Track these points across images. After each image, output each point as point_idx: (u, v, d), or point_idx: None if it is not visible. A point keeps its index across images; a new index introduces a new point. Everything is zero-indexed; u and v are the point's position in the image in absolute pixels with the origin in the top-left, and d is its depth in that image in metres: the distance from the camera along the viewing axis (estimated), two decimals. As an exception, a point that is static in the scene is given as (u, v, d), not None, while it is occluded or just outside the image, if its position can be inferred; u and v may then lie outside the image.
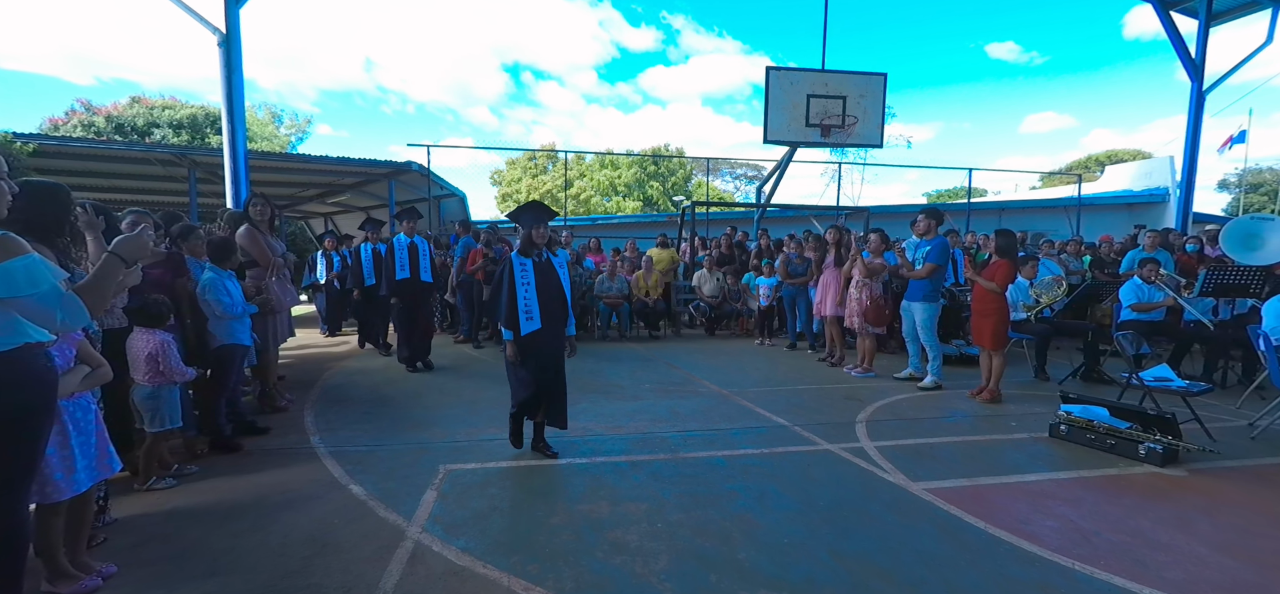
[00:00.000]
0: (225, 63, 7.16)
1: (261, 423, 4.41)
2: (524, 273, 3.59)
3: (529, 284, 3.57)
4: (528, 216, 3.70)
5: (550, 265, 3.71)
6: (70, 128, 16.66)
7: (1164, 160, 16.40)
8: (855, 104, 9.26)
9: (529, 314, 3.53)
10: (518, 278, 3.56)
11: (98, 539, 2.69)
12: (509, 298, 3.53)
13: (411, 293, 6.18)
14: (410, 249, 6.15)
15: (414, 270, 6.18)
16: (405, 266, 6.13)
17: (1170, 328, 6.65)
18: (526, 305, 3.53)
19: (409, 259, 6.16)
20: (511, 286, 3.55)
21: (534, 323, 3.55)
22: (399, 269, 6.09)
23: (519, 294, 3.53)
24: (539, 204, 3.83)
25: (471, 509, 3.08)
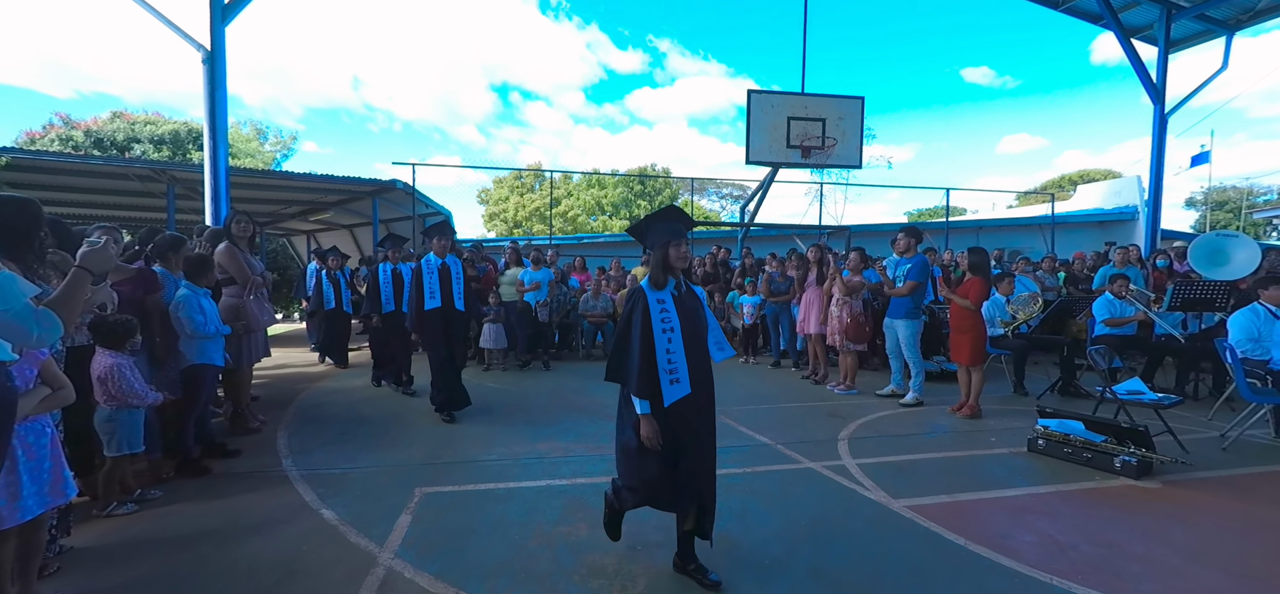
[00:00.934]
0: (209, 79, 7.09)
1: (232, 445, 4.29)
2: (664, 314, 2.46)
3: (672, 329, 2.45)
4: (661, 227, 2.55)
5: (694, 299, 2.62)
6: (47, 142, 16.32)
7: (1132, 179, 16.87)
8: (834, 126, 9.43)
9: (674, 373, 2.43)
10: (656, 321, 2.43)
11: (51, 568, 2.59)
12: (644, 352, 2.41)
13: (443, 324, 5.16)
14: (442, 272, 5.12)
15: (447, 297, 5.14)
16: (436, 293, 5.09)
17: (1143, 342, 6.79)
18: (671, 360, 2.43)
19: (440, 284, 5.12)
20: (647, 335, 2.42)
21: (681, 386, 2.44)
22: (429, 297, 5.06)
23: (659, 345, 2.42)
24: (676, 211, 2.64)
25: (446, 533, 3.01)
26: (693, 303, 2.58)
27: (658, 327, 2.43)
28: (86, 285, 1.95)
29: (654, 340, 2.41)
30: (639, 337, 2.41)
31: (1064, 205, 19.47)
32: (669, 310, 2.46)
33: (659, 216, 2.60)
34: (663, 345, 2.42)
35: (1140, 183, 16.20)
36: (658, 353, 2.41)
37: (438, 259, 5.13)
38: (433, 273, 5.10)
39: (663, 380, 2.41)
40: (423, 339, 5.21)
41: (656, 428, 2.40)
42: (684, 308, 2.51)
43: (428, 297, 5.05)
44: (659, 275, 2.51)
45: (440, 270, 5.13)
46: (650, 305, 2.44)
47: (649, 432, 2.40)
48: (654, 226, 2.57)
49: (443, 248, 5.16)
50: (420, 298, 5.07)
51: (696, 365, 2.50)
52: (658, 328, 2.43)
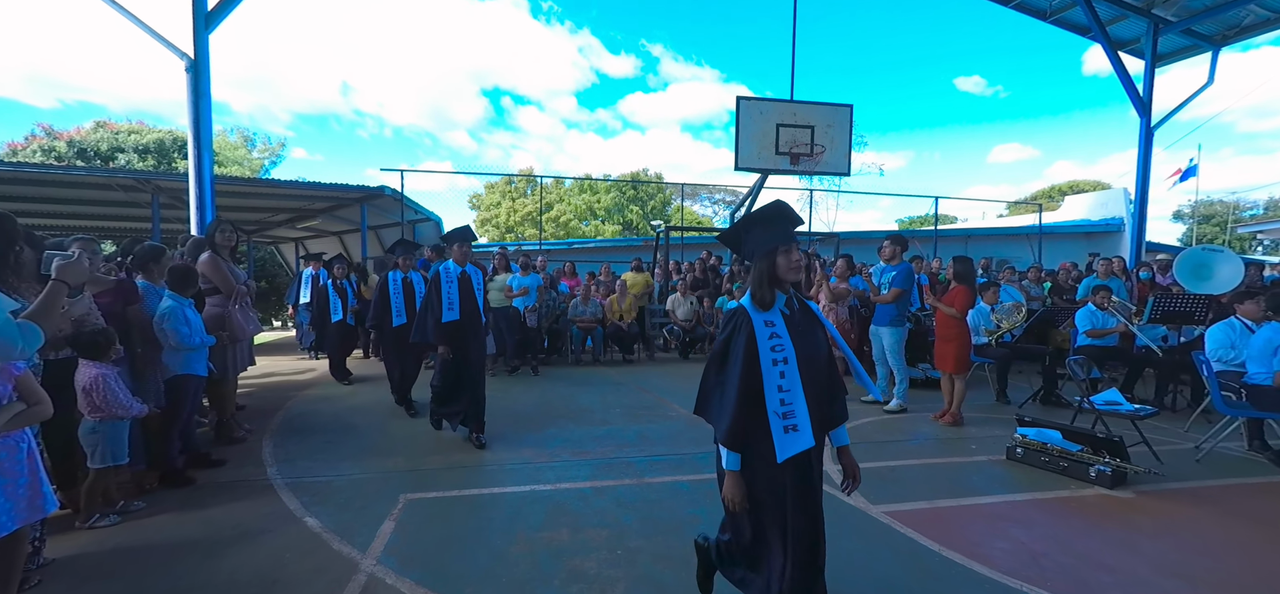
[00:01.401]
0: (193, 88, 7.08)
1: (217, 454, 4.29)
2: (774, 340, 1.90)
3: (785, 357, 1.89)
4: (763, 231, 1.98)
5: (811, 318, 2.05)
6: (30, 153, 16.19)
7: (1119, 192, 17.14)
8: (823, 133, 9.54)
9: (790, 417, 1.87)
10: (763, 348, 1.89)
11: (32, 581, 2.59)
12: (744, 389, 1.88)
13: (460, 339, 4.64)
14: (461, 282, 4.63)
15: (467, 309, 4.64)
16: (454, 306, 4.60)
17: (1123, 353, 6.91)
18: (785, 400, 1.87)
19: (460, 295, 4.63)
20: (751, 364, 1.89)
21: (802, 435, 1.88)
22: (447, 309, 4.57)
23: (768, 382, 1.87)
24: (782, 209, 2.05)
25: (429, 540, 3.03)
26: (809, 323, 2.02)
27: (766, 354, 1.88)
28: (63, 296, 1.98)
29: (762, 375, 1.88)
30: (738, 368, 1.89)
31: (1052, 216, 19.76)
32: (780, 336, 1.91)
33: (760, 218, 2.03)
34: (774, 381, 1.87)
35: (1127, 195, 16.47)
36: (767, 391, 1.87)
37: (458, 268, 4.65)
38: (452, 283, 4.61)
39: (774, 428, 1.87)
40: (441, 358, 4.69)
41: (743, 489, 1.93)
42: (798, 330, 1.96)
43: (446, 308, 4.56)
44: (764, 292, 1.94)
45: (460, 280, 4.63)
46: (757, 329, 1.90)
47: (734, 492, 1.93)
48: (753, 230, 2.01)
49: (463, 255, 4.66)
50: (437, 309, 4.59)
51: (817, 406, 1.95)
52: (766, 355, 1.88)
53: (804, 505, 1.94)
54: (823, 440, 2.05)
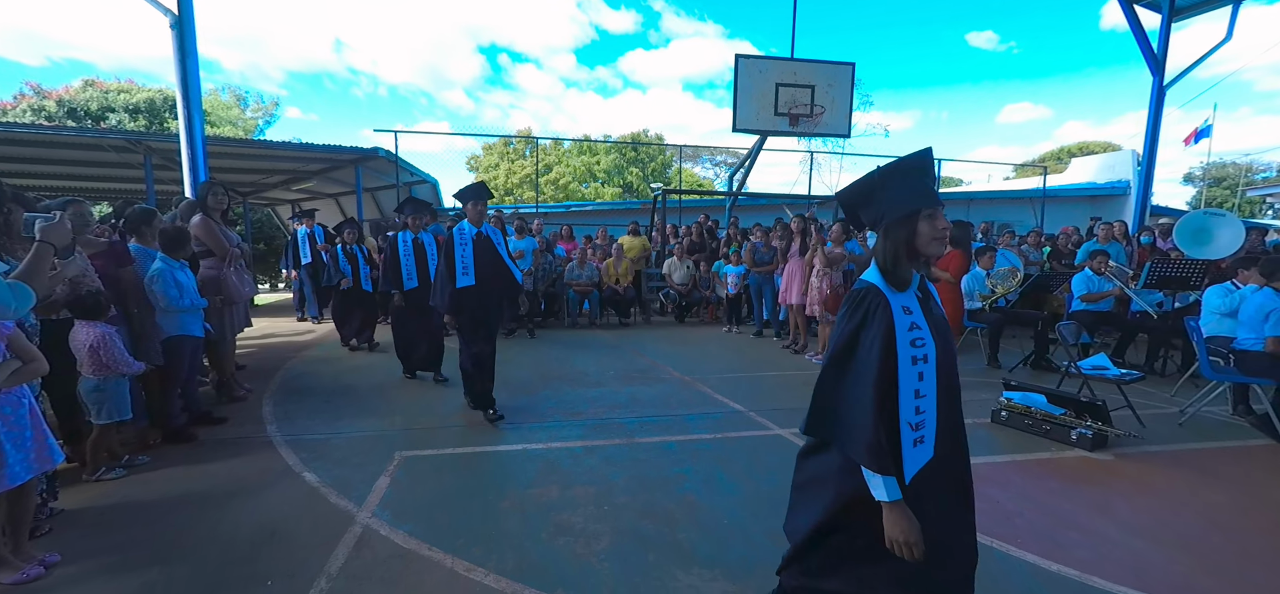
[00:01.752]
0: (179, 45, 6.94)
1: (218, 413, 4.39)
2: (913, 331, 1.49)
3: (926, 354, 1.49)
4: (903, 188, 1.55)
5: (935, 304, 1.62)
6: (19, 113, 16.00)
7: (1126, 153, 16.89)
8: (823, 94, 9.38)
9: (920, 428, 1.48)
10: (904, 345, 1.47)
11: (42, 529, 2.70)
12: (881, 394, 1.43)
13: (479, 306, 4.34)
14: (478, 244, 4.24)
15: (485, 273, 4.29)
16: (469, 269, 4.25)
17: (1117, 318, 6.94)
18: (921, 410, 1.48)
19: (475, 258, 4.26)
20: (889, 367, 1.46)
21: (925, 447, 1.50)
22: (461, 273, 4.21)
23: (904, 384, 1.46)
24: (925, 160, 1.61)
25: (423, 495, 3.13)
26: (940, 312, 1.61)
27: (905, 353, 1.46)
28: (49, 257, 2.02)
29: (898, 375, 1.46)
30: (876, 369, 1.44)
31: (1058, 179, 19.51)
32: (920, 326, 1.50)
33: (903, 170, 1.58)
34: (911, 383, 1.46)
35: (1135, 156, 16.22)
36: (902, 397, 1.46)
37: (472, 229, 4.28)
38: (466, 245, 4.22)
39: (906, 436, 1.47)
40: (457, 325, 4.44)
41: (917, 525, 1.45)
42: (935, 321, 1.56)
43: (460, 271, 4.19)
44: (902, 268, 1.53)
45: (477, 243, 4.24)
46: (896, 318, 1.47)
47: (906, 529, 1.44)
48: (891, 186, 1.55)
49: (478, 215, 4.29)
50: (451, 271, 4.25)
51: (946, 414, 1.55)
52: (905, 355, 1.46)
53: (941, 526, 1.53)
54: (963, 457, 1.65)
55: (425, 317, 5.36)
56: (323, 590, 2.30)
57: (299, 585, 2.32)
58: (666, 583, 2.39)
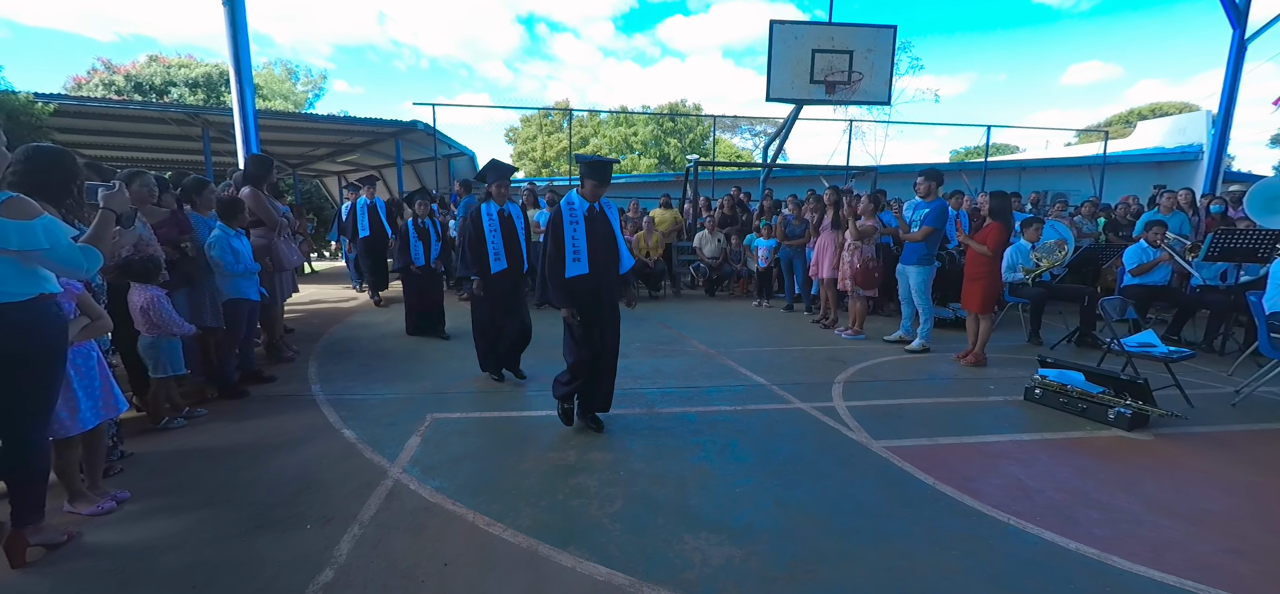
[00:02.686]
0: (230, 22, 7.26)
1: (267, 372, 4.71)
2: None
3: None
4: None
5: None
6: (92, 87, 17.08)
7: (1201, 114, 15.61)
8: (862, 59, 9.02)
9: None
10: None
11: (114, 470, 3.00)
12: None
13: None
14: (590, 222, 3.53)
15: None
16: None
17: (1173, 293, 6.55)
18: None
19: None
20: None
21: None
22: (571, 260, 3.48)
23: None
24: None
25: (449, 454, 3.31)
26: None
27: None
28: (112, 223, 2.23)
29: None
30: None
31: (1123, 144, 18.25)
32: None
33: None
34: None
35: (1209, 118, 15.01)
36: None
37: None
38: (577, 223, 3.50)
39: None
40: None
41: None
42: None
43: (570, 259, 3.49)
44: None
45: (589, 220, 3.53)
46: None
47: None
48: None
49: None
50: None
51: None
52: None
53: None
54: None
55: (514, 303, 4.61)
56: (355, 536, 2.49)
57: (334, 530, 2.52)
58: (673, 544, 2.48)
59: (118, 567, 2.25)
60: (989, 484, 3.05)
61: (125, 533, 2.48)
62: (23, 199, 2.04)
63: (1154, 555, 2.43)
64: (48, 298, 2.18)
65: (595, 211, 3.55)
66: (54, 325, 2.21)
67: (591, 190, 3.51)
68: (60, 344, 2.25)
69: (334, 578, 2.20)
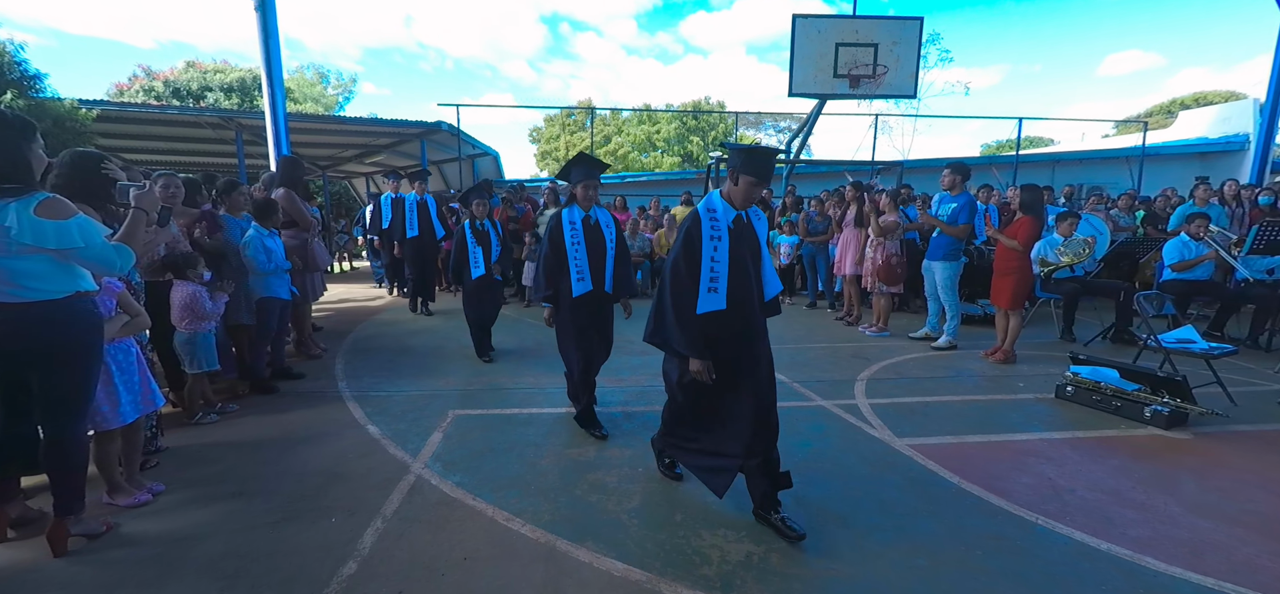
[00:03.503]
0: (262, 27, 7.48)
1: (296, 369, 4.84)
2: None
3: None
4: None
5: None
6: (133, 92, 17.77)
7: (1246, 103, 14.93)
8: (887, 52, 8.84)
9: None
10: None
11: (151, 463, 3.11)
12: None
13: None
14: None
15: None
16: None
17: (1217, 288, 6.29)
18: None
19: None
20: None
21: None
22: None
23: None
24: None
25: (471, 449, 3.36)
26: None
27: None
28: (143, 222, 2.31)
29: None
30: None
31: (1163, 135, 17.56)
32: None
33: None
34: None
35: (1257, 106, 14.36)
36: None
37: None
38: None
39: None
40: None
41: None
42: None
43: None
44: None
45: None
46: None
47: None
48: None
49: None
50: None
51: None
52: None
53: None
54: None
55: (601, 322, 3.69)
56: (378, 529, 2.54)
57: (358, 522, 2.58)
58: (691, 540, 2.47)
59: (154, 556, 2.34)
60: (1017, 483, 2.97)
61: (161, 523, 2.58)
62: (59, 199, 2.13)
63: (1192, 557, 2.33)
64: (84, 296, 2.27)
65: (743, 223, 2.56)
66: (90, 322, 2.30)
67: (745, 192, 2.49)
68: (96, 340, 2.34)
69: (357, 570, 2.25)
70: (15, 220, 2.02)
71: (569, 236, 3.49)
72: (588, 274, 3.51)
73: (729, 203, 2.52)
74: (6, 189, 2.05)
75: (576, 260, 3.48)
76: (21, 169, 2.10)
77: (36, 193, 2.11)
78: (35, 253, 2.08)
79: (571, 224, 3.51)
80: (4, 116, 2.09)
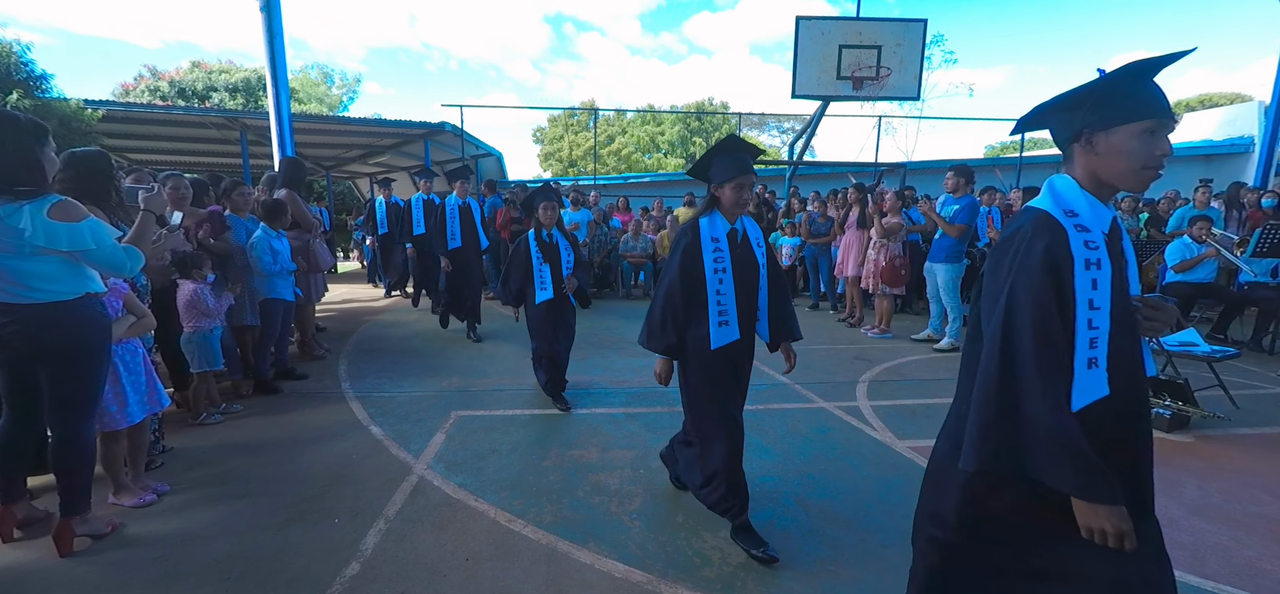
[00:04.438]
0: (267, 28, 7.50)
1: (300, 370, 4.86)
2: None
3: None
4: None
5: None
6: (139, 93, 17.87)
7: (1252, 105, 14.89)
8: (891, 54, 8.84)
9: None
10: None
11: (155, 463, 3.13)
12: None
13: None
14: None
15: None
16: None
17: (1219, 290, 6.28)
18: None
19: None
20: None
21: None
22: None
23: None
24: None
25: (473, 451, 3.37)
26: None
27: None
28: (152, 223, 2.33)
29: None
30: None
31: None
32: None
33: None
34: None
35: (1262, 108, 14.30)
36: None
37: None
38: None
39: None
40: None
41: None
42: None
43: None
44: None
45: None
46: None
47: None
48: None
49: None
50: None
51: None
52: None
53: None
54: None
55: None
56: (381, 530, 2.55)
57: (361, 523, 2.59)
58: (693, 542, 2.48)
59: (159, 556, 2.35)
60: (1019, 487, 2.96)
61: (166, 524, 2.59)
62: (71, 202, 2.15)
63: (1193, 560, 2.34)
64: (93, 297, 2.29)
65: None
66: (99, 323, 2.32)
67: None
68: (104, 341, 2.36)
69: (360, 571, 2.26)
70: (29, 222, 2.05)
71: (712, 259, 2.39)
72: (734, 321, 2.42)
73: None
74: (20, 191, 2.08)
75: (720, 295, 2.38)
76: (35, 171, 2.12)
77: (49, 195, 2.13)
78: (47, 254, 2.10)
79: (711, 236, 2.41)
80: (17, 120, 2.12)
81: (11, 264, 2.09)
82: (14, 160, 2.08)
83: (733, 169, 2.37)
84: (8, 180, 2.07)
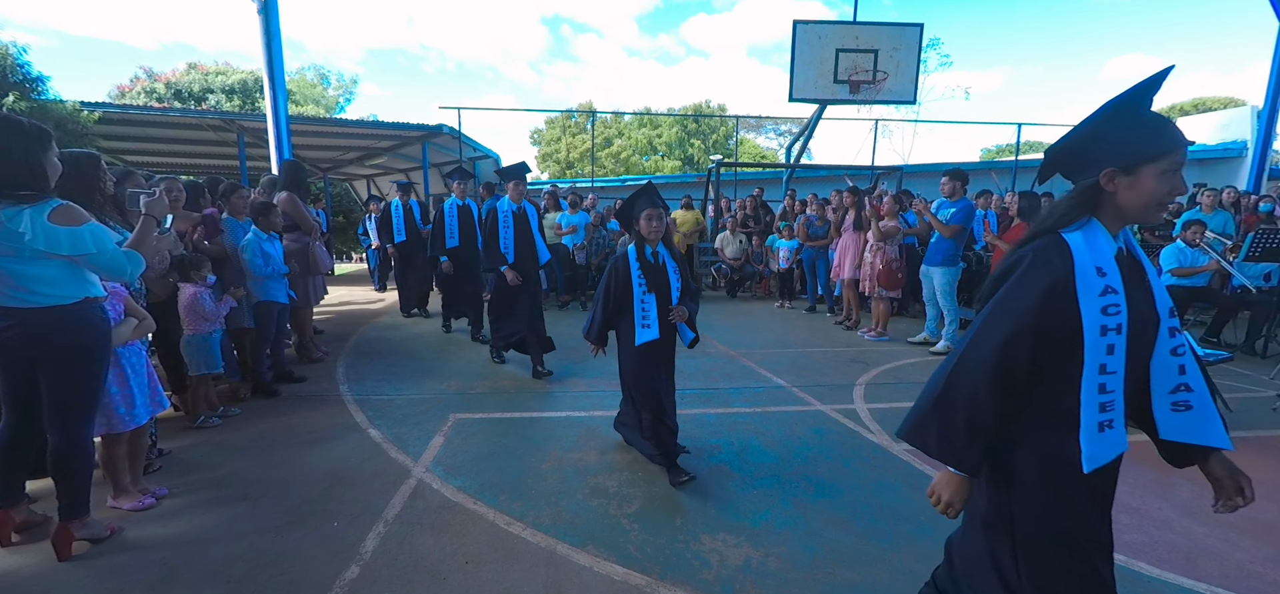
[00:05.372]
0: (265, 30, 7.50)
1: (299, 372, 4.85)
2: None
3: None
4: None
5: None
6: (135, 95, 17.81)
7: (1245, 110, 15.01)
8: (887, 58, 8.89)
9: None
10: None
11: (155, 466, 3.14)
12: None
13: None
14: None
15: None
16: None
17: (1212, 293, 6.33)
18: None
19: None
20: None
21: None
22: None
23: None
24: None
25: (472, 453, 3.38)
26: None
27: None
28: (154, 228, 2.34)
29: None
30: None
31: (1160, 140, 17.59)
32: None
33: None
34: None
35: (1255, 112, 14.41)
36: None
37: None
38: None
39: None
40: None
41: None
42: None
43: None
44: None
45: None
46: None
47: None
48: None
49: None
50: None
51: None
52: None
53: None
54: None
55: None
56: (380, 533, 2.56)
57: (361, 526, 2.60)
58: (690, 544, 2.50)
59: (159, 560, 2.36)
60: (1014, 489, 2.99)
61: (166, 527, 2.60)
62: (72, 207, 2.16)
63: (1186, 563, 2.36)
64: (93, 301, 2.30)
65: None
66: (99, 327, 2.33)
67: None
68: (104, 345, 2.37)
69: (359, 574, 2.27)
70: (30, 226, 2.05)
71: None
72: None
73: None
74: (21, 195, 2.08)
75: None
76: (37, 176, 2.13)
77: (51, 199, 2.14)
78: (48, 258, 2.11)
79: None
80: (21, 125, 2.12)
81: (12, 267, 2.10)
82: (16, 165, 2.08)
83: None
84: (10, 184, 2.07)
